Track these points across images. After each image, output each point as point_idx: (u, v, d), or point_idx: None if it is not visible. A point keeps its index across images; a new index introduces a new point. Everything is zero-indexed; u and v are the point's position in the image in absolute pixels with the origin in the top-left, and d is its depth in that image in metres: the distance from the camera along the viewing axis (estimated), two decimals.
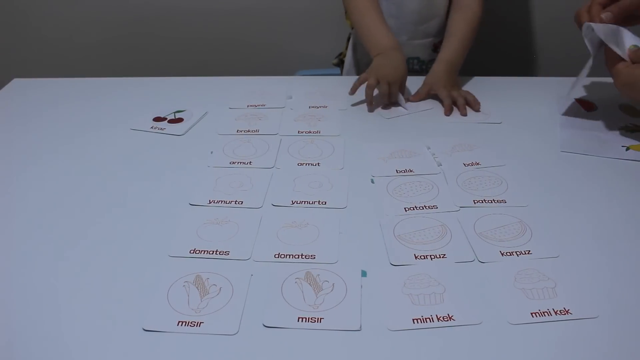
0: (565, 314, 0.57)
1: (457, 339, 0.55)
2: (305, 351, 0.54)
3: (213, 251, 0.67)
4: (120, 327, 0.57)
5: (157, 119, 0.98)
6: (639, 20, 0.98)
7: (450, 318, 0.57)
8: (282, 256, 0.66)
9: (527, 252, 0.66)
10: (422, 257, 0.65)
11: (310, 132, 0.94)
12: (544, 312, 0.57)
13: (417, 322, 0.57)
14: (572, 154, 0.86)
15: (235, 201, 0.76)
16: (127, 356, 0.54)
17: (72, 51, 1.64)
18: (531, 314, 0.57)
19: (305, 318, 0.57)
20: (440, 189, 0.78)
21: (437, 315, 0.57)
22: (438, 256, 0.65)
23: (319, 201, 0.76)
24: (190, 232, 0.70)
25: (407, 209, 0.74)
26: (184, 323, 0.57)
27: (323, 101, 1.04)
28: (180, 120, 0.98)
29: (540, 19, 1.54)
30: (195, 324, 0.57)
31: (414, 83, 1.07)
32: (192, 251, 0.67)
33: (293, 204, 0.76)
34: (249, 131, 0.95)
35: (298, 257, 0.66)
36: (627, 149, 0.87)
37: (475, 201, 0.75)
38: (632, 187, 0.78)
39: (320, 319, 0.57)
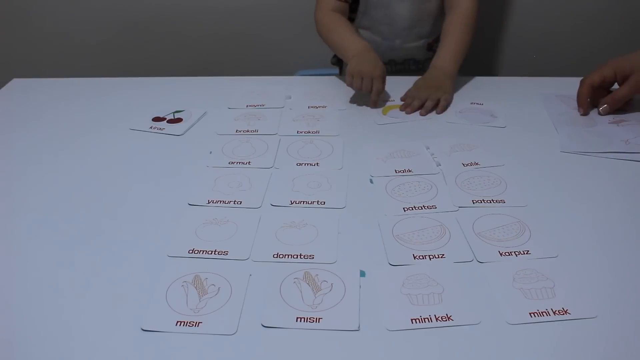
0: (563, 314, 0.57)
1: (456, 339, 0.55)
2: (304, 351, 0.54)
3: (212, 251, 0.67)
4: (118, 327, 0.57)
5: (156, 119, 0.98)
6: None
7: (448, 318, 0.57)
8: (281, 256, 0.66)
9: (526, 252, 0.66)
10: (421, 257, 0.65)
11: (309, 132, 0.94)
12: (542, 312, 0.57)
13: (416, 322, 0.57)
14: (571, 154, 0.86)
15: (234, 201, 0.76)
16: (126, 356, 0.54)
17: (71, 51, 1.64)
18: (530, 314, 0.57)
19: (304, 318, 0.57)
20: (439, 189, 0.78)
21: (435, 315, 0.57)
22: (437, 256, 0.65)
23: (317, 201, 0.76)
24: (189, 232, 0.70)
25: (406, 209, 0.74)
26: (182, 323, 0.57)
27: (322, 101, 1.04)
28: (179, 120, 0.98)
29: (540, 18, 1.54)
30: (194, 324, 0.57)
31: (410, 82, 1.07)
32: (190, 251, 0.67)
33: (292, 204, 0.76)
34: (248, 131, 0.95)
35: (297, 257, 0.66)
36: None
37: (474, 201, 0.75)
38: (630, 187, 0.78)
39: (319, 319, 0.57)
